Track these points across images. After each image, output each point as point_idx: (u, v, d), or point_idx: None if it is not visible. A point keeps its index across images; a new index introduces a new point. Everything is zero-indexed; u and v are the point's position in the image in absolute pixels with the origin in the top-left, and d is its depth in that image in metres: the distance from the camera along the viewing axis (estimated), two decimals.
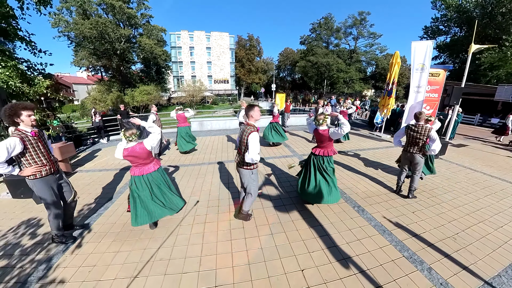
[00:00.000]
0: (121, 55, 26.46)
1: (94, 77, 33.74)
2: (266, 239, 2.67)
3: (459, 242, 2.71)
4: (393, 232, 2.84)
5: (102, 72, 29.85)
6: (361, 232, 2.83)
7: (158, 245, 2.59)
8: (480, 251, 2.56)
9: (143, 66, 31.77)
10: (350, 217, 3.15)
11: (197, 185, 4.25)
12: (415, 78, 7.65)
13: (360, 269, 2.24)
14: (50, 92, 5.81)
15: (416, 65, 7.55)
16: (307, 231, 2.82)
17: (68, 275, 2.19)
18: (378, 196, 3.78)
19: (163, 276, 2.16)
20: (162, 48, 29.46)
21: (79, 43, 24.79)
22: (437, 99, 8.08)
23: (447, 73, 25.52)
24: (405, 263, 2.34)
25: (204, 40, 39.18)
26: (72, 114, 18.32)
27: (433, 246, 2.63)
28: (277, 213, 3.24)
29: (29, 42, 6.20)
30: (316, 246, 2.56)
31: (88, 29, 21.91)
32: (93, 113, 8.30)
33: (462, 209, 3.47)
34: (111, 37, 24.00)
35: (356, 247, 2.55)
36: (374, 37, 38.67)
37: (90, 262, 2.35)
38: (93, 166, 5.60)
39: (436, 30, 23.86)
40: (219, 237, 2.71)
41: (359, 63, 39.98)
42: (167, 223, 3.04)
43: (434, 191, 4.07)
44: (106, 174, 4.96)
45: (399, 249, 2.54)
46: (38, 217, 3.25)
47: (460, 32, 22.76)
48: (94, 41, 23.74)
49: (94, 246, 2.60)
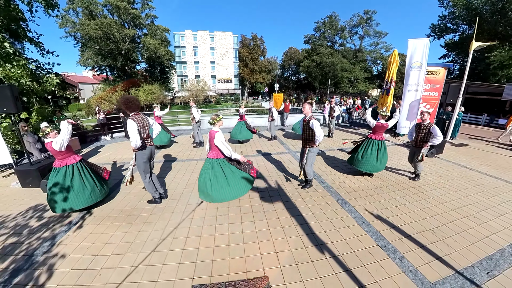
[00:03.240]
0: (125, 55, 27.29)
1: (100, 77, 34.77)
2: (248, 225, 2.95)
3: (438, 234, 2.81)
4: (372, 223, 3.02)
5: (107, 71, 30.78)
6: (340, 222, 3.04)
7: (151, 228, 2.90)
8: (458, 243, 2.63)
9: (147, 66, 32.57)
10: (332, 208, 3.36)
11: (192, 179, 4.56)
12: (412, 76, 7.75)
13: (333, 254, 2.45)
14: (58, 89, 6.24)
15: (413, 63, 7.64)
16: (288, 220, 3.07)
17: (70, 250, 2.52)
18: (364, 191, 3.97)
19: (152, 252, 2.46)
20: (166, 48, 30.13)
21: (85, 43, 25.70)
22: (437, 98, 8.17)
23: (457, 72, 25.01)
24: (378, 251, 2.51)
25: (207, 40, 39.81)
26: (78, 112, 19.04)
27: (410, 237, 2.75)
28: (262, 203, 3.52)
29: (37, 44, 6.66)
30: (294, 232, 2.80)
31: (93, 29, 22.74)
32: (97, 110, 8.76)
33: (448, 204, 3.55)
34: (116, 38, 24.83)
35: (333, 235, 2.77)
36: (380, 36, 38.32)
37: (89, 241, 2.68)
38: (96, 161, 5.98)
39: (444, 28, 23.56)
40: (205, 222, 3.01)
41: (364, 62, 39.68)
42: (161, 210, 3.36)
43: (422, 187, 4.19)
44: (107, 167, 5.32)
45: (375, 239, 2.71)
46: (44, 203, 3.60)
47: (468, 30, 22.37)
48: (100, 41, 24.57)
49: (94, 228, 2.94)
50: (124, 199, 3.76)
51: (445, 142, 6.66)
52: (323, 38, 41.13)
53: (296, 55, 49.14)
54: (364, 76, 39.01)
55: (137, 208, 3.42)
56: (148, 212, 3.32)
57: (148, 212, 3.31)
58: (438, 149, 6.35)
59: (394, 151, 6.64)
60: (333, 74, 38.02)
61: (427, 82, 8.13)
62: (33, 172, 4.20)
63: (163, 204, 3.55)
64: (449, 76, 24.83)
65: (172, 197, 3.79)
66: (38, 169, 4.24)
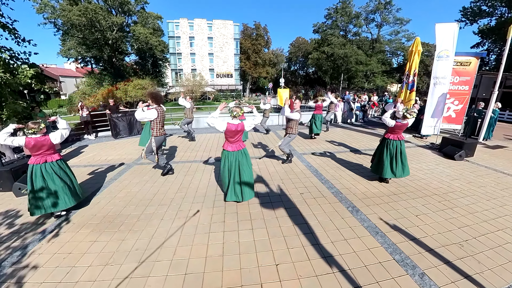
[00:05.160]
0: (113, 45, 27.64)
1: (84, 69, 35.27)
2: (245, 233, 2.95)
3: (466, 249, 2.73)
4: (387, 234, 2.99)
5: (92, 64, 31.17)
6: (350, 232, 3.02)
7: (136, 237, 2.92)
8: (491, 260, 2.54)
9: (137, 58, 32.96)
10: (342, 217, 3.35)
11: (185, 182, 4.62)
12: (440, 68, 7.57)
13: (341, 268, 2.43)
14: (35, 83, 6.33)
15: (441, 52, 7.49)
16: (291, 228, 3.06)
17: (43, 261, 2.54)
18: (378, 198, 3.95)
19: (137, 263, 2.47)
20: (158, 38, 30.53)
21: (66, 32, 25.76)
22: (467, 92, 7.90)
23: (493, 63, 23.94)
24: (394, 266, 2.46)
25: (205, 29, 40.26)
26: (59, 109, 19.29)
27: (432, 252, 2.70)
28: (262, 209, 3.53)
29: (11, 30, 6.66)
30: (297, 243, 2.79)
31: (76, 16, 22.71)
32: (79, 106, 8.87)
33: (479, 215, 3.47)
34: (102, 25, 25.01)
35: (341, 246, 2.75)
36: (401, 23, 38.22)
37: (66, 250, 2.70)
38: (78, 162, 6.07)
39: (478, 11, 22.52)
40: (198, 230, 3.04)
41: (382, 53, 39.66)
42: (149, 216, 3.39)
43: (448, 194, 4.14)
44: (90, 169, 5.40)
45: (390, 252, 2.68)
46: (16, 209, 3.66)
47: (508, 13, 21.25)
48: (83, 30, 24.63)
49: (71, 236, 2.97)
50: (108, 204, 3.79)
51: (476, 144, 6.56)
52: (335, 26, 41.21)
53: (305, 46, 49.40)
54: (382, 70, 38.93)
55: (122, 214, 3.45)
56: (134, 218, 3.35)
57: (134, 219, 3.34)
58: (468, 151, 6.26)
59: (415, 153, 6.59)
60: (346, 67, 38.06)
61: (456, 74, 7.95)
62: (5, 174, 4.25)
63: (152, 210, 3.58)
64: (483, 68, 24.09)
65: (162, 202, 3.83)
66: (11, 171, 4.29)
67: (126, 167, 5.56)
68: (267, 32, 47.21)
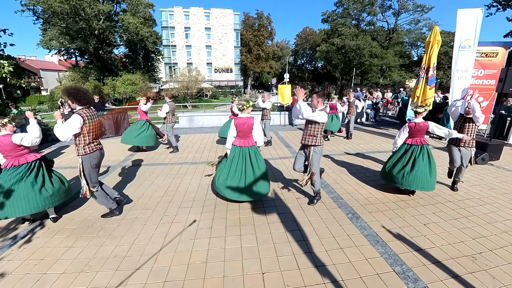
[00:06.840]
0: (99, 36, 27.97)
1: (67, 62, 35.72)
2: (233, 239, 3.06)
3: (480, 262, 2.71)
4: (389, 244, 3.04)
5: (76, 56, 31.53)
6: (347, 240, 3.08)
7: (116, 243, 3.03)
8: (508, 276, 2.50)
9: (127, 50, 33.34)
10: (339, 224, 3.42)
11: (172, 185, 4.76)
12: (462, 59, 7.47)
13: (333, 279, 2.49)
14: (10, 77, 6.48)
15: (464, 41, 7.39)
16: (282, 235, 3.15)
17: (12, 268, 2.65)
18: (383, 204, 4.01)
19: (114, 271, 2.58)
20: (150, 29, 30.80)
21: (47, 20, 25.69)
22: (494, 87, 7.58)
23: None
24: (394, 279, 2.49)
25: (202, 19, 40.76)
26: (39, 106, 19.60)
27: (439, 264, 2.70)
28: (253, 214, 3.65)
29: None
30: (288, 250, 2.87)
31: (58, 2, 22.58)
32: (60, 103, 9.07)
33: (499, 225, 3.44)
34: (87, 14, 25.14)
35: (336, 256, 2.81)
36: (422, 10, 37.77)
37: (38, 256, 2.82)
38: (59, 163, 6.21)
39: None
40: (183, 236, 3.15)
41: (400, 45, 39.54)
42: (130, 221, 3.52)
43: (464, 202, 4.15)
44: (72, 171, 5.52)
45: (390, 263, 2.71)
46: None
47: None
48: (67, 18, 24.60)
49: (45, 241, 3.09)
50: (87, 207, 3.92)
51: (502, 145, 6.52)
52: (347, 15, 41.18)
53: (313, 38, 49.62)
54: (400, 63, 38.76)
55: (102, 219, 3.58)
56: (115, 223, 3.47)
57: (114, 223, 3.46)
58: (493, 154, 6.19)
59: None
60: (358, 61, 38.06)
61: (480, 67, 7.84)
62: None
63: (134, 214, 3.70)
64: None
65: (146, 206, 3.95)
66: None
67: (110, 169, 5.73)
68: (271, 22, 47.69)
